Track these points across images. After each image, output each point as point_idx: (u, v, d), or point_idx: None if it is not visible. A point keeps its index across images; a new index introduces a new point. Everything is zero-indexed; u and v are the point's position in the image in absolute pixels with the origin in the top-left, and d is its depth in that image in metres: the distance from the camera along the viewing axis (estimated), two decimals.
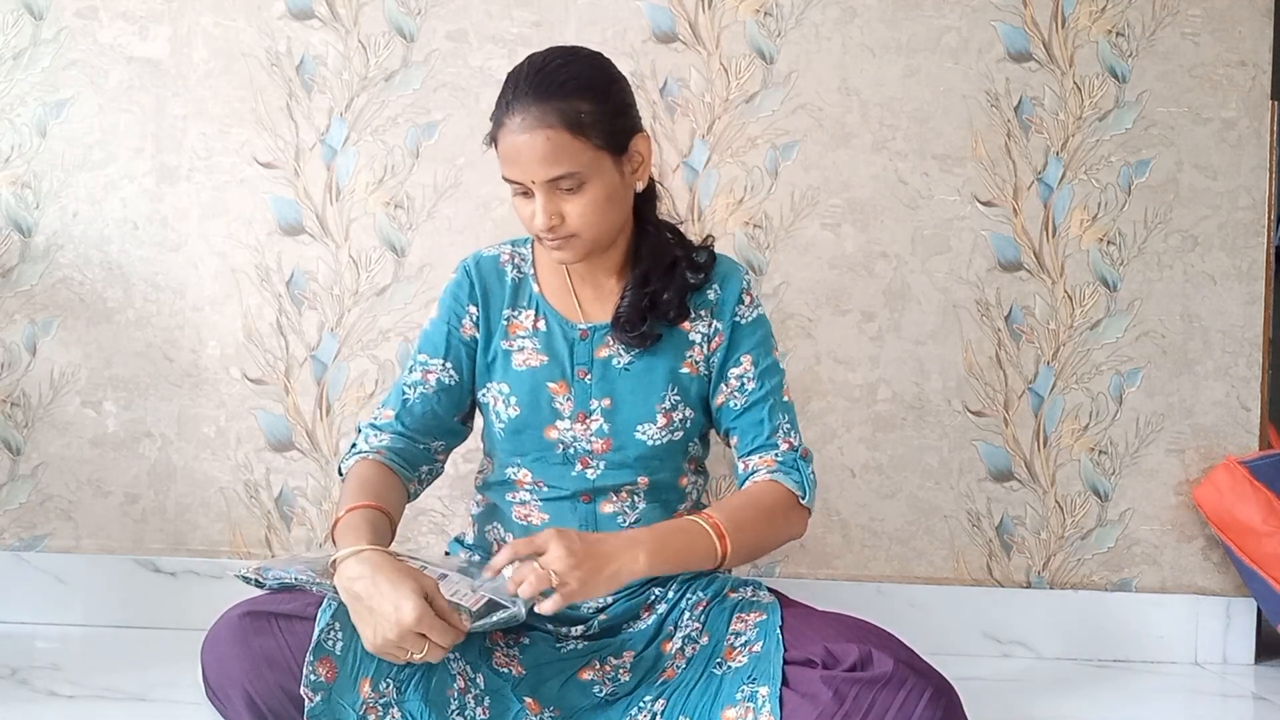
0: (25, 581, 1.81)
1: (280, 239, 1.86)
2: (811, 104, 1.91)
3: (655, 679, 1.22)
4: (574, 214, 1.24)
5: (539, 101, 1.21)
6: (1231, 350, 1.94)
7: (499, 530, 1.36)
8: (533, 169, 1.21)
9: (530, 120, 1.20)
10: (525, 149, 1.21)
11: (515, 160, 1.22)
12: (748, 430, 1.35)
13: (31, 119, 1.84)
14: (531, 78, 1.23)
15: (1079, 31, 1.93)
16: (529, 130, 1.20)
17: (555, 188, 1.23)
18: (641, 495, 1.33)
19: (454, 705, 1.14)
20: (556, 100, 1.21)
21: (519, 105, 1.21)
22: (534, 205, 1.24)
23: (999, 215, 1.93)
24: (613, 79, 1.29)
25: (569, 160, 1.21)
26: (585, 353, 1.34)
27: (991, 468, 1.93)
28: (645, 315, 1.32)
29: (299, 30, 1.86)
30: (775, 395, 1.35)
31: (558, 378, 1.33)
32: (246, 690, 1.10)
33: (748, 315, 1.36)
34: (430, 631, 1.05)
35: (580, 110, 1.21)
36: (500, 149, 1.24)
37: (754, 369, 1.35)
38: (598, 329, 1.34)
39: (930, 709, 1.05)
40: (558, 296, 1.37)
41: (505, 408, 1.33)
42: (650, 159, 1.31)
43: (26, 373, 1.84)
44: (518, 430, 1.33)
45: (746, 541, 1.25)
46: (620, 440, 1.31)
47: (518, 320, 1.36)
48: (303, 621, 1.12)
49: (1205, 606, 1.93)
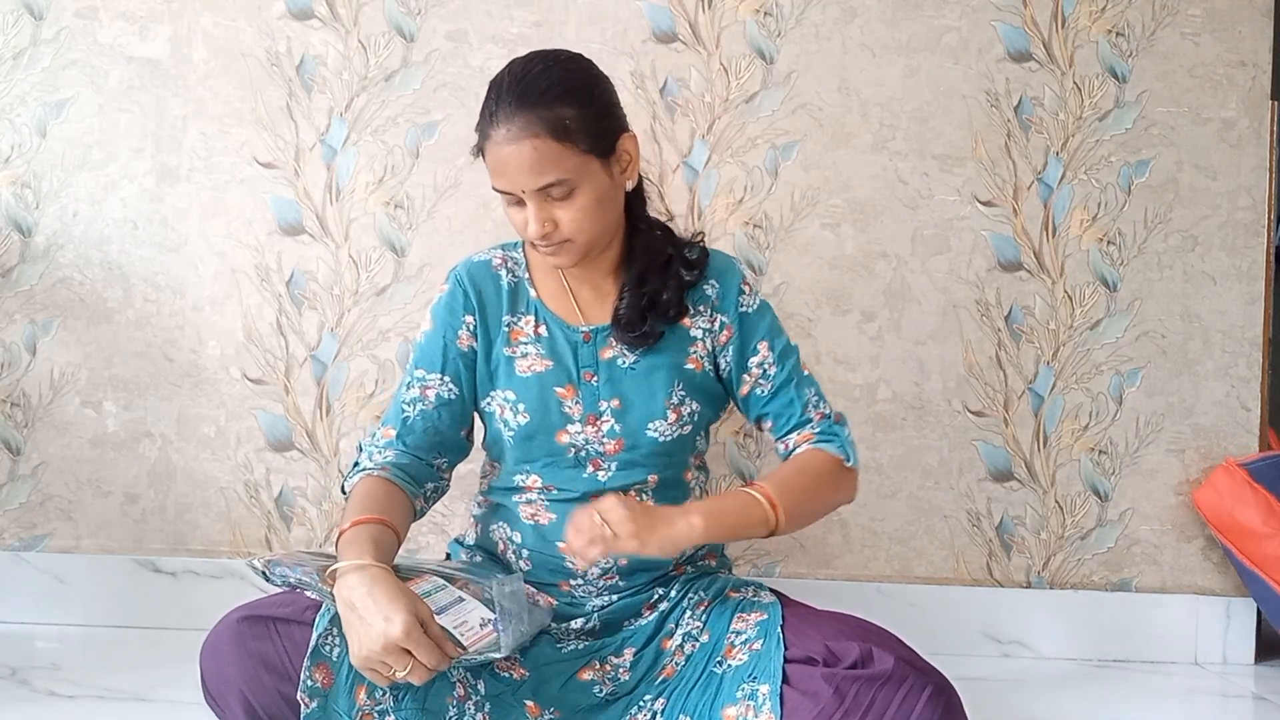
0: (25, 581, 1.81)
1: (280, 239, 1.86)
2: (811, 104, 1.91)
3: (655, 677, 1.23)
4: (567, 220, 1.23)
5: (523, 111, 1.20)
6: (1231, 350, 1.94)
7: (505, 530, 1.35)
8: (521, 179, 1.21)
9: (515, 131, 1.19)
10: (512, 160, 1.20)
11: (503, 171, 1.22)
12: (781, 413, 1.36)
13: (31, 119, 1.84)
14: (513, 87, 1.22)
15: (1079, 31, 1.93)
16: (515, 141, 1.19)
17: (546, 195, 1.22)
18: (650, 494, 1.32)
19: (452, 713, 1.14)
20: (540, 109, 1.20)
21: (503, 116, 1.21)
22: (526, 213, 1.23)
23: (999, 215, 1.93)
24: (595, 81, 1.28)
25: (557, 168, 1.20)
26: (590, 355, 1.33)
27: (991, 468, 1.93)
28: (645, 315, 1.32)
29: (299, 30, 1.86)
30: (797, 373, 1.37)
31: (564, 382, 1.32)
32: (244, 695, 1.10)
33: (751, 304, 1.38)
34: (417, 649, 1.03)
35: (565, 117, 1.20)
36: (488, 160, 1.24)
37: (772, 354, 1.36)
38: (600, 330, 1.34)
39: (930, 707, 1.05)
40: (556, 300, 1.36)
41: (514, 415, 1.32)
42: (638, 157, 1.31)
43: (26, 373, 1.84)
44: (529, 437, 1.32)
45: (798, 507, 1.25)
46: (632, 439, 1.31)
47: (518, 326, 1.35)
48: (300, 627, 1.12)
49: (1205, 606, 1.93)
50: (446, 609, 1.13)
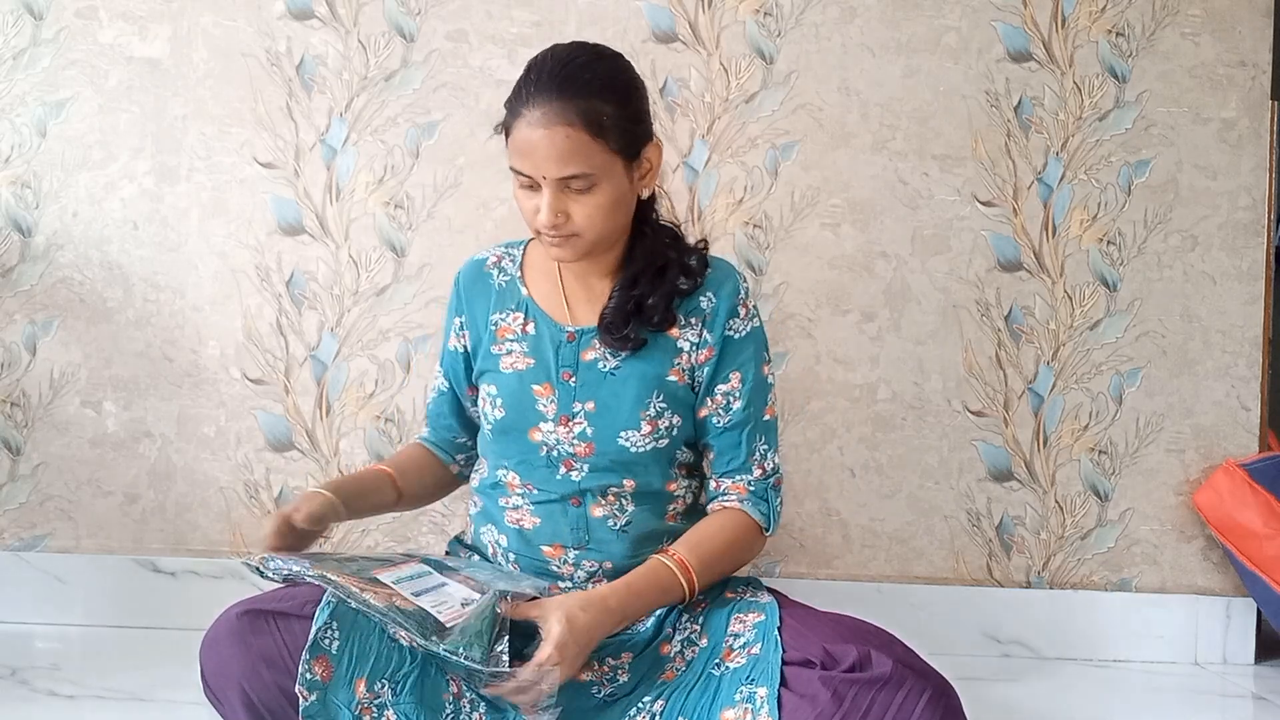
0: (25, 581, 1.81)
1: (280, 239, 1.86)
2: (811, 104, 1.91)
3: (655, 679, 1.22)
4: (580, 214, 1.22)
5: (561, 97, 1.18)
6: (1231, 350, 1.94)
7: (493, 532, 1.35)
8: (546, 165, 1.19)
9: (551, 115, 1.18)
10: (542, 144, 1.19)
11: (529, 154, 1.20)
12: (725, 451, 1.33)
13: (31, 119, 1.84)
14: (556, 72, 1.20)
15: (1079, 31, 1.93)
16: (548, 125, 1.18)
17: (565, 186, 1.21)
18: (629, 498, 1.31)
19: (449, 709, 1.14)
20: (579, 99, 1.19)
21: (540, 98, 1.19)
22: (539, 200, 1.22)
23: (999, 215, 1.93)
24: (635, 84, 1.28)
25: (584, 161, 1.19)
26: (571, 355, 1.32)
27: (991, 468, 1.93)
28: (629, 318, 1.29)
29: (299, 30, 1.86)
30: (757, 417, 1.33)
31: (542, 380, 1.32)
32: (244, 689, 1.10)
33: (741, 329, 1.32)
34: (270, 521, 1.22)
35: (602, 112, 1.19)
36: (513, 139, 1.22)
37: (741, 387, 1.32)
38: (585, 332, 1.32)
39: (929, 710, 1.05)
40: (547, 299, 1.36)
41: (492, 409, 1.33)
42: (658, 167, 1.30)
43: (26, 373, 1.84)
44: (504, 431, 1.32)
45: (711, 574, 1.28)
46: (602, 445, 1.29)
47: (505, 324, 1.36)
48: (300, 620, 1.12)
49: (1205, 606, 1.93)
50: (427, 591, 1.15)
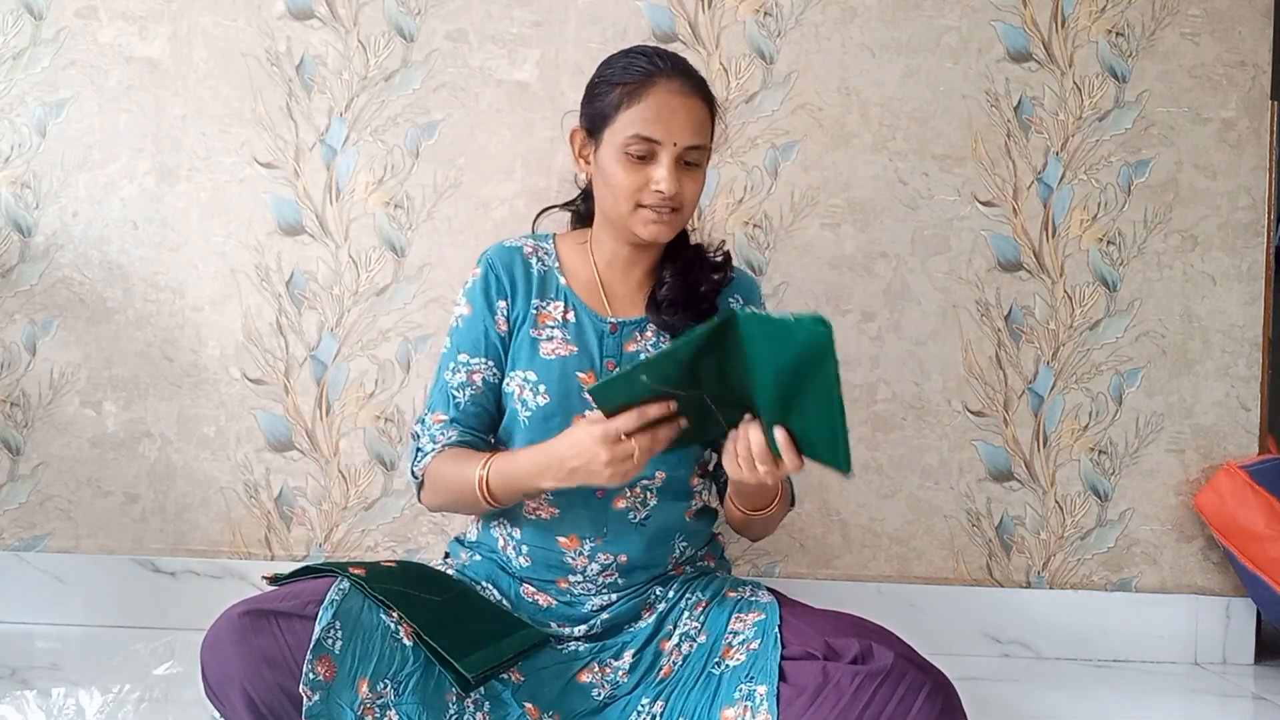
0: (25, 581, 1.81)
1: (280, 239, 1.86)
2: (811, 104, 1.91)
3: (654, 678, 1.22)
4: (689, 190, 1.30)
5: (692, 78, 1.30)
6: (1231, 350, 1.94)
7: (506, 525, 1.35)
8: (682, 132, 1.26)
9: (690, 86, 1.28)
10: (682, 110, 1.26)
11: (667, 119, 1.26)
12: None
13: (31, 119, 1.84)
14: (675, 60, 1.30)
15: (1079, 31, 1.93)
16: (688, 94, 1.27)
17: (683, 160, 1.28)
18: (654, 492, 1.32)
19: (452, 710, 1.14)
20: (703, 86, 1.31)
21: (676, 73, 1.28)
22: (650, 172, 1.27)
23: (999, 215, 1.93)
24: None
25: (707, 135, 1.30)
26: (615, 345, 1.35)
27: (991, 468, 1.93)
28: (689, 300, 1.36)
29: (299, 30, 1.86)
30: None
31: (587, 368, 1.34)
32: (245, 689, 1.09)
33: None
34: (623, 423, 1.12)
35: (714, 102, 1.33)
36: (645, 104, 1.26)
37: None
38: (627, 324, 1.36)
39: (929, 703, 1.05)
40: (586, 291, 1.39)
41: (533, 396, 1.33)
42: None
43: (26, 373, 1.84)
44: (546, 418, 1.32)
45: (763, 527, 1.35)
46: None
47: (546, 310, 1.37)
48: (302, 620, 1.12)
49: (1205, 606, 1.93)
50: None
